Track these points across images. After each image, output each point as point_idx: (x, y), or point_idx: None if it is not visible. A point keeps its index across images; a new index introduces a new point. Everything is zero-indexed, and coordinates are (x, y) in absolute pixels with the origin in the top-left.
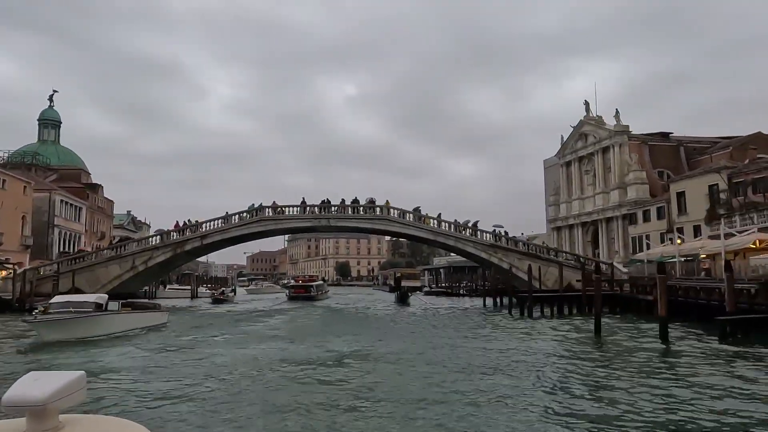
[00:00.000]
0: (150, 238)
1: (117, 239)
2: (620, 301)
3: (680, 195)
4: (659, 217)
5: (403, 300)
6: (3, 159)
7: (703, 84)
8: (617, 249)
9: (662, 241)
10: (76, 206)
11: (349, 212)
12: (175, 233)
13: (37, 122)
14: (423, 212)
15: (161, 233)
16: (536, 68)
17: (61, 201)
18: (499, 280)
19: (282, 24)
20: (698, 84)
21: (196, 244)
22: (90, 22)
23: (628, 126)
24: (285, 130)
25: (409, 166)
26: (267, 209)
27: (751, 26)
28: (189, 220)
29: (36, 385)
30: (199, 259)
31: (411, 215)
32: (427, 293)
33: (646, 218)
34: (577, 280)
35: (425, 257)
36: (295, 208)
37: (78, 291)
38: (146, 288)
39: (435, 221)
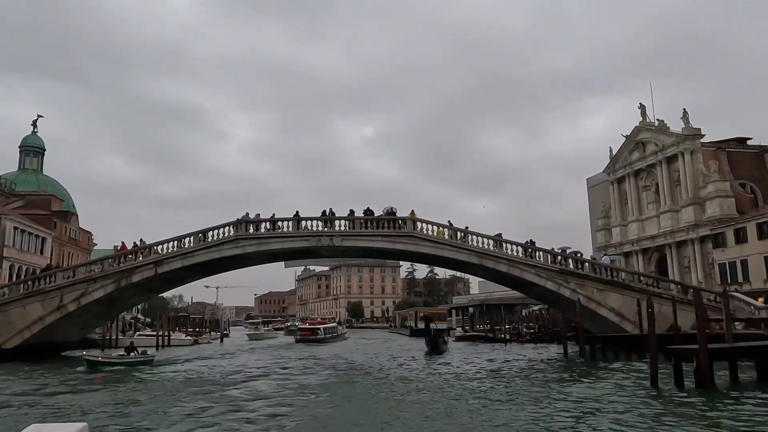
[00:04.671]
0: (83, 266)
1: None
2: None
3: None
4: (761, 235)
5: (435, 348)
6: None
7: (726, 119)
8: (698, 279)
9: None
10: (37, 236)
11: (361, 227)
12: (122, 259)
13: (18, 149)
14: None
15: (98, 259)
16: (553, 107)
17: (15, 228)
18: (568, 322)
19: (302, 68)
20: (721, 120)
21: (148, 273)
22: (115, 70)
23: (699, 129)
24: (303, 172)
25: (427, 205)
26: (243, 224)
27: None
28: (142, 240)
29: None
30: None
31: (485, 239)
32: (460, 338)
33: (740, 238)
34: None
35: (443, 296)
36: (286, 223)
37: None
38: (106, 335)
39: (490, 242)
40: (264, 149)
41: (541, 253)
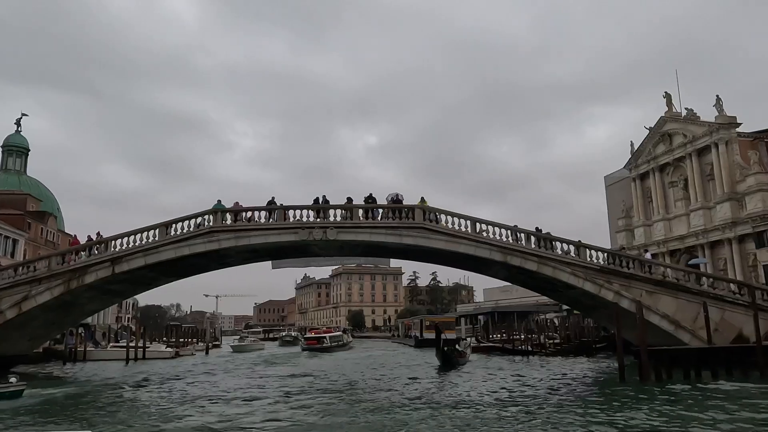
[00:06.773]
0: (26, 265)
1: None
2: None
3: None
4: None
5: (448, 362)
6: None
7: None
8: None
9: None
10: (7, 237)
11: (360, 218)
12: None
13: (0, 149)
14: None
15: (44, 256)
16: (558, 116)
17: None
18: (602, 331)
19: (306, 77)
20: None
21: (104, 273)
22: (120, 80)
23: (735, 117)
24: (306, 180)
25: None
26: (218, 213)
27: None
28: (99, 234)
29: None
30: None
31: (519, 233)
32: (474, 349)
33: None
34: None
35: (446, 304)
36: (271, 214)
37: None
38: (70, 346)
39: (515, 234)
40: (267, 158)
41: (581, 249)
